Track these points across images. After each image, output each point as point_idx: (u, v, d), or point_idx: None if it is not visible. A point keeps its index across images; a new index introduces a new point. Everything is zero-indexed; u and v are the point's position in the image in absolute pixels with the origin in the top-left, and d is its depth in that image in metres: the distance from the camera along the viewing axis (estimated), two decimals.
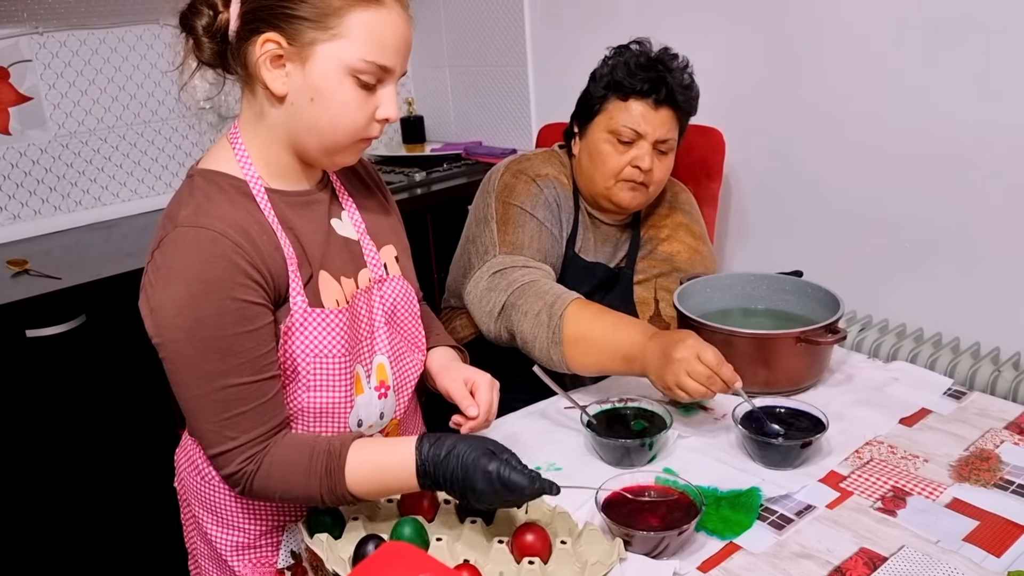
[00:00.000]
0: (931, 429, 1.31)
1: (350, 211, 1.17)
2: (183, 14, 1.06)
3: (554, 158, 1.65)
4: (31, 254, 2.03)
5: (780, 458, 1.20)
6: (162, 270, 0.98)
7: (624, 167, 1.54)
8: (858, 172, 1.91)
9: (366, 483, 1.03)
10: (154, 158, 2.47)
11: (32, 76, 2.21)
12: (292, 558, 1.17)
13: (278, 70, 1.01)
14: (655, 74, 1.52)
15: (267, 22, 1.00)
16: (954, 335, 1.82)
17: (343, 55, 0.99)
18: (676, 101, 1.54)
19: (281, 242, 1.04)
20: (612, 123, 1.54)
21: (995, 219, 1.72)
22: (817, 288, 1.51)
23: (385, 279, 1.17)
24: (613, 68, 1.55)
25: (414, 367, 1.22)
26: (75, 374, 1.87)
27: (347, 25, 0.98)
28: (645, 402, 1.33)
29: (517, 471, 0.98)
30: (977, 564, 1.00)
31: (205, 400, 1.00)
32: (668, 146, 1.56)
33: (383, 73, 1.02)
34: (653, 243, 1.67)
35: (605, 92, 1.56)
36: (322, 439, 1.05)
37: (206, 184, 1.03)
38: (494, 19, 2.66)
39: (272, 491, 1.04)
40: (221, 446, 1.01)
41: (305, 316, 1.05)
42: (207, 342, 0.98)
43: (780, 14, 1.96)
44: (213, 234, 0.98)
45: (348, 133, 1.04)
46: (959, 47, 1.69)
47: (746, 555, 1.04)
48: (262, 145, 1.06)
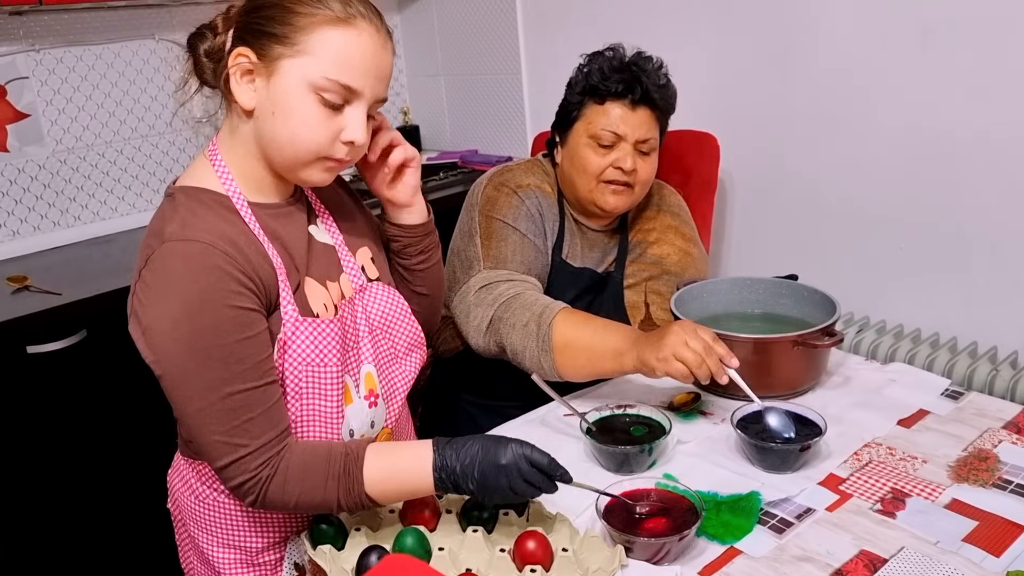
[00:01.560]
0: (929, 430, 1.31)
1: (324, 218, 1.18)
2: (190, 38, 1.09)
3: (536, 167, 1.66)
4: (31, 270, 2.04)
5: (779, 462, 1.21)
6: (153, 287, 0.99)
7: (606, 169, 1.54)
8: (853, 174, 1.92)
9: (383, 485, 1.04)
10: (152, 172, 2.47)
11: (29, 93, 2.22)
12: (296, 570, 1.18)
13: (248, 84, 1.03)
14: (629, 75, 1.53)
15: (243, 39, 1.03)
16: (951, 335, 1.82)
17: (306, 71, 1.00)
18: (653, 100, 1.55)
19: (268, 251, 1.05)
20: (591, 127, 1.55)
21: (990, 218, 1.73)
22: (813, 291, 1.52)
23: (366, 287, 1.18)
24: (588, 73, 1.57)
25: (406, 373, 1.22)
26: (76, 390, 1.88)
27: (312, 42, 1.00)
28: (644, 408, 1.33)
29: (538, 451, 1.04)
30: (977, 564, 1.01)
31: (212, 411, 1.00)
32: (649, 146, 1.57)
33: (348, 94, 1.02)
34: (642, 246, 1.67)
35: (582, 97, 1.57)
36: (337, 443, 1.06)
37: (188, 200, 1.04)
38: (488, 28, 2.67)
39: (288, 497, 1.04)
40: (232, 455, 1.01)
41: (297, 326, 1.05)
42: (207, 351, 0.98)
43: (772, 18, 1.97)
44: (202, 245, 0.98)
45: (308, 150, 1.03)
46: (951, 47, 1.70)
47: (747, 559, 1.05)
48: (238, 159, 1.08)
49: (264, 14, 1.01)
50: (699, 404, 1.41)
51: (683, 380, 1.28)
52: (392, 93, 3.03)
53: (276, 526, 1.17)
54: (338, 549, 1.06)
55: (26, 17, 2.18)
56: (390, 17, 2.97)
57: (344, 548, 1.07)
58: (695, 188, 1.95)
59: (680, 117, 2.05)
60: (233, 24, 1.05)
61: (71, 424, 1.88)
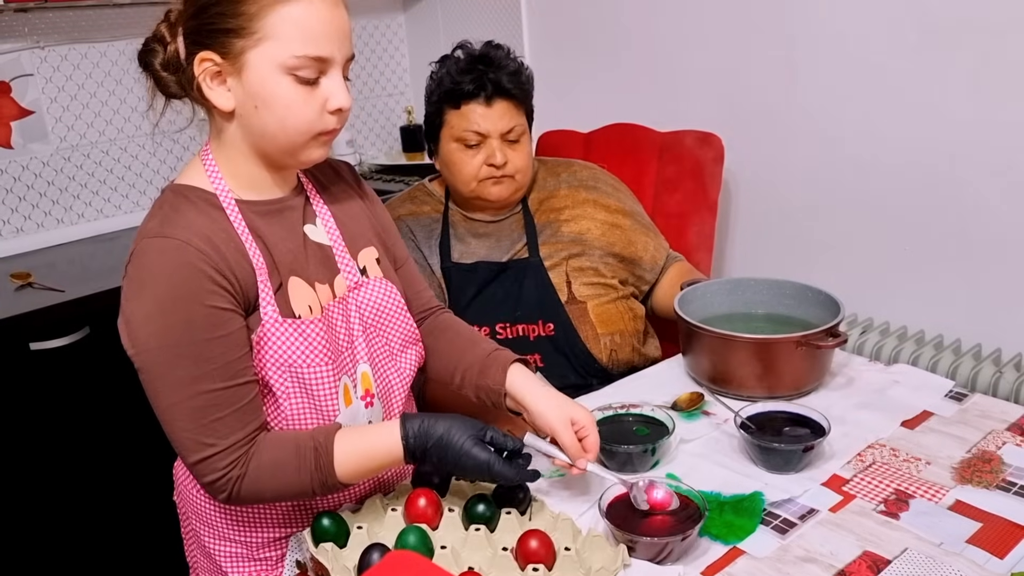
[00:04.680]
0: (933, 431, 1.31)
1: (323, 217, 1.17)
2: (140, 56, 1.07)
3: (415, 193, 1.73)
4: (34, 267, 2.04)
5: (783, 462, 1.21)
6: (133, 281, 1.00)
7: (479, 168, 1.58)
8: (857, 175, 1.92)
9: (355, 471, 1.06)
10: (155, 170, 2.48)
11: (34, 90, 2.23)
12: (298, 567, 1.18)
13: (220, 87, 1.02)
14: (478, 73, 1.56)
15: (200, 43, 1.01)
16: (955, 337, 1.82)
17: (273, 56, 0.99)
18: (507, 91, 1.57)
19: (249, 250, 1.05)
20: (454, 131, 1.59)
21: (995, 220, 1.72)
22: (818, 292, 1.51)
23: (362, 284, 1.17)
24: (440, 80, 1.60)
25: (402, 370, 1.22)
26: (79, 387, 1.88)
27: (270, 25, 0.98)
28: (647, 408, 1.33)
29: (505, 465, 1.05)
30: (980, 566, 1.00)
31: (180, 408, 1.00)
32: (516, 133, 1.59)
33: (321, 64, 1.02)
34: (553, 227, 1.67)
35: (439, 105, 1.61)
36: (303, 435, 1.06)
37: (175, 197, 1.05)
38: (491, 26, 2.67)
39: (263, 493, 1.05)
40: (200, 453, 1.01)
41: (276, 327, 1.05)
42: (178, 348, 0.98)
43: (777, 19, 1.97)
44: (177, 242, 0.99)
45: (300, 131, 1.04)
46: (956, 50, 1.70)
47: (750, 560, 1.05)
48: (227, 160, 1.08)
49: (213, 12, 1.00)
50: (703, 404, 1.41)
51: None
52: (396, 92, 3.03)
53: (277, 523, 1.17)
54: (340, 546, 1.06)
55: (31, 14, 2.18)
56: (394, 16, 2.97)
57: (346, 546, 1.06)
58: (699, 188, 1.95)
59: (684, 117, 2.07)
60: (180, 30, 1.03)
61: (74, 421, 1.88)
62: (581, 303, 1.63)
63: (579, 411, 1.16)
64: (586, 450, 1.13)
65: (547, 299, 1.61)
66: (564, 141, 2.15)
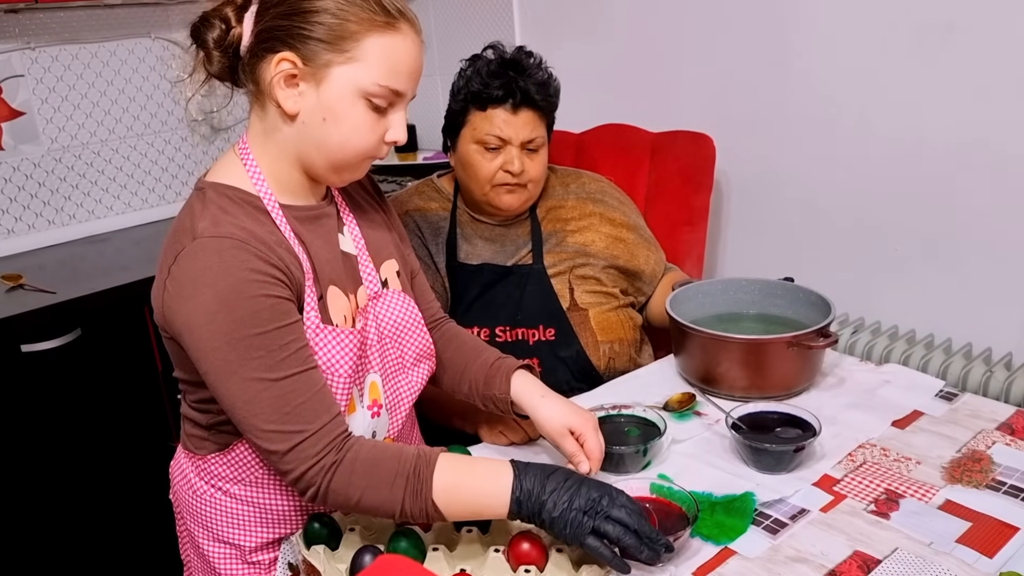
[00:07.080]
0: (923, 431, 1.31)
1: (351, 226, 1.17)
2: (194, 26, 1.05)
3: (424, 187, 1.72)
4: (25, 269, 2.04)
5: (774, 462, 1.21)
6: (185, 283, 0.97)
7: (496, 172, 1.57)
8: (847, 175, 1.92)
9: (453, 495, 0.99)
10: (147, 171, 2.47)
11: (24, 91, 2.22)
12: (290, 570, 1.18)
13: (291, 89, 1.01)
14: (508, 79, 1.55)
15: (283, 41, 1.00)
16: (946, 336, 1.83)
17: (358, 78, 1.00)
18: (534, 101, 1.57)
19: (298, 253, 1.05)
20: (476, 133, 1.58)
21: (984, 219, 1.73)
22: (808, 292, 1.52)
23: (381, 294, 1.17)
24: (468, 80, 1.59)
25: (412, 383, 1.22)
26: (71, 388, 1.87)
27: (363, 49, 1.00)
28: (638, 409, 1.33)
29: (618, 560, 0.98)
30: (970, 565, 1.01)
31: (260, 401, 0.97)
32: (536, 144, 1.59)
33: (395, 97, 1.04)
34: (558, 236, 1.67)
35: (464, 104, 1.60)
36: (408, 446, 1.04)
37: (219, 197, 1.03)
38: (484, 26, 2.67)
39: (353, 490, 0.99)
40: (289, 442, 0.98)
41: (316, 332, 1.05)
42: (248, 341, 0.96)
43: (769, 20, 1.97)
44: (235, 241, 0.98)
45: (357, 153, 1.05)
46: (945, 51, 1.71)
47: (741, 560, 1.05)
48: (271, 160, 1.07)
49: (312, 20, 0.99)
50: (694, 405, 1.41)
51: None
52: None
53: (270, 525, 1.17)
54: (332, 549, 1.06)
55: (22, 15, 2.17)
56: None
57: (338, 548, 1.06)
58: (691, 189, 1.95)
59: (676, 117, 2.07)
60: (253, 19, 1.02)
61: (66, 423, 1.87)
62: (583, 310, 1.63)
63: (577, 418, 1.17)
64: (587, 455, 1.15)
65: (549, 305, 1.62)
66: (556, 141, 2.13)
